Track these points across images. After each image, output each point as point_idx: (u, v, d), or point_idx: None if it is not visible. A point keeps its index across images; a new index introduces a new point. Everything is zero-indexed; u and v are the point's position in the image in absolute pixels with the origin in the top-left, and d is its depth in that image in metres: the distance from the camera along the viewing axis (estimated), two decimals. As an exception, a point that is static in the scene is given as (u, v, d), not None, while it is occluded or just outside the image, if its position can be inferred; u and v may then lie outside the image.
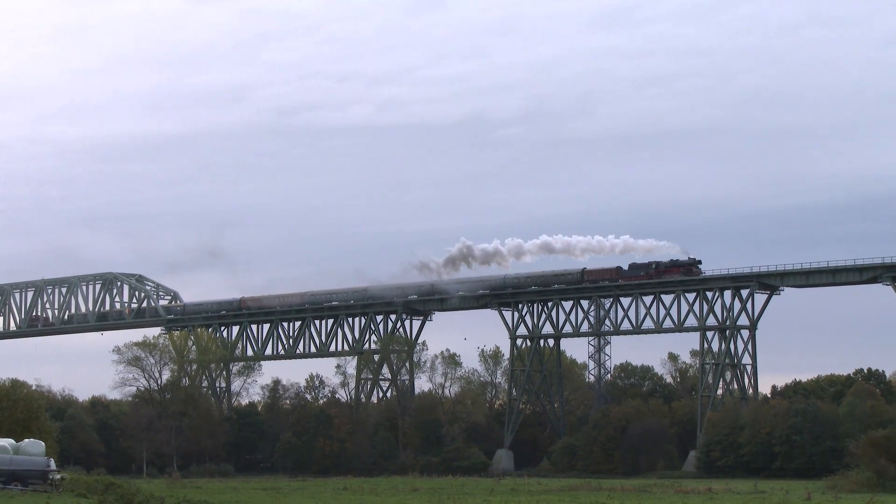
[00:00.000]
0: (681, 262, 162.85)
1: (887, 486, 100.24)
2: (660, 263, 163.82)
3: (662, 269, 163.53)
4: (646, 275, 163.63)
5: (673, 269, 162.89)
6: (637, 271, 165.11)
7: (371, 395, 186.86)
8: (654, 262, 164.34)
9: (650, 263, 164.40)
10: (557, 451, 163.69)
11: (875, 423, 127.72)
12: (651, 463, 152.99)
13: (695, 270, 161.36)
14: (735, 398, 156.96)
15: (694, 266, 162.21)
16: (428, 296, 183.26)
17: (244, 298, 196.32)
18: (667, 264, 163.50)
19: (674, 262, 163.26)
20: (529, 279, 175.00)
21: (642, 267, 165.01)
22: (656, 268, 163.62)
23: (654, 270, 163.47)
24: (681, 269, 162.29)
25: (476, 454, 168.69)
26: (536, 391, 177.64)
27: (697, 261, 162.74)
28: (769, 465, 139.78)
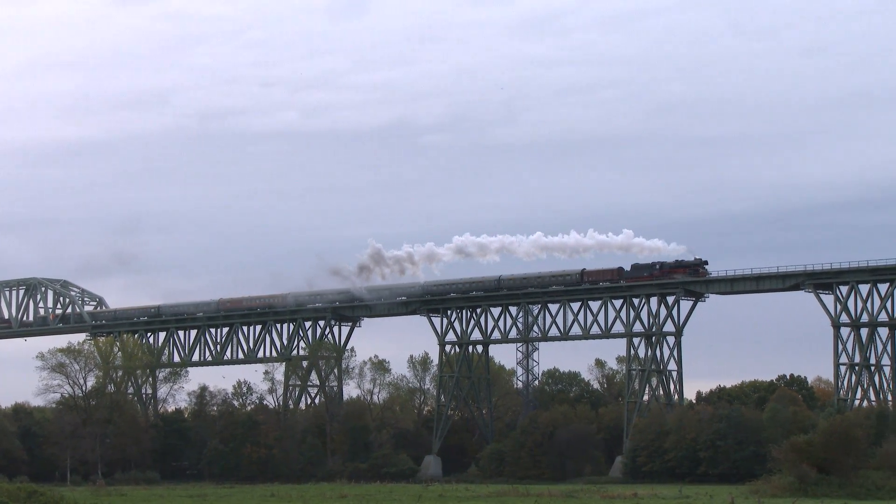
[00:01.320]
0: (686, 262, 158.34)
1: (809, 491, 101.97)
2: (664, 264, 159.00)
3: (667, 269, 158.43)
4: (649, 275, 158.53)
5: (678, 269, 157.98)
6: (640, 272, 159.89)
7: (299, 401, 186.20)
8: (659, 262, 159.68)
9: (654, 264, 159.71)
10: (485, 456, 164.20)
11: (797, 428, 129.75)
12: (578, 468, 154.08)
13: (701, 271, 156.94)
14: (661, 404, 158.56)
15: (700, 266, 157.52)
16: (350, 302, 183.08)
17: (223, 300, 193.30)
18: (671, 265, 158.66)
19: (679, 263, 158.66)
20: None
21: (645, 268, 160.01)
22: (660, 268, 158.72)
23: (659, 271, 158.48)
24: (686, 270, 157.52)
25: (404, 460, 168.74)
26: (465, 397, 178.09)
27: (704, 261, 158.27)
28: (694, 471, 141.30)
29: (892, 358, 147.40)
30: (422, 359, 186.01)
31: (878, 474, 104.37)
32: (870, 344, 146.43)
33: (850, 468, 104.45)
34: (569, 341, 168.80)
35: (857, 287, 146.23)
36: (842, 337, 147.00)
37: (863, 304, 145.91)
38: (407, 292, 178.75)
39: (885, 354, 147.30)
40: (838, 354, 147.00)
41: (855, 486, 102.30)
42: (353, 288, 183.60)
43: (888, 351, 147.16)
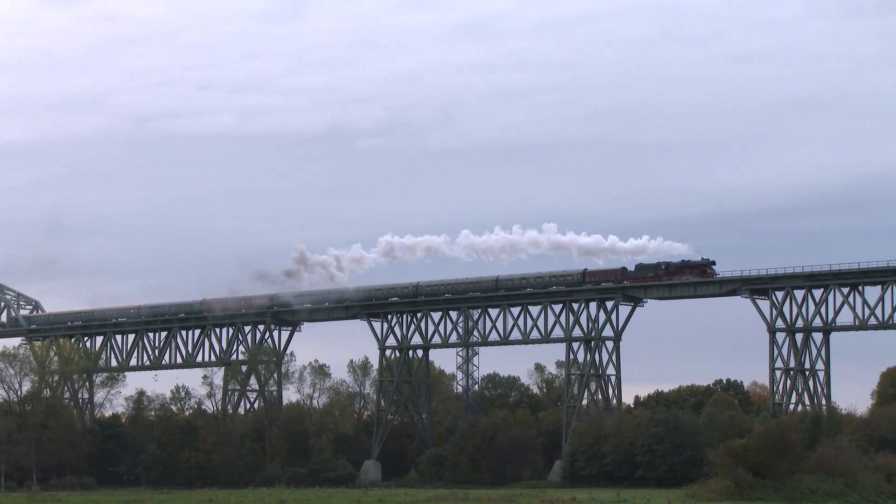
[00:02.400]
0: (693, 262, 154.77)
1: (744, 495, 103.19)
2: (669, 264, 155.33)
3: (673, 269, 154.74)
4: (654, 276, 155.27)
5: (685, 269, 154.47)
6: (645, 272, 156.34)
7: (238, 406, 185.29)
8: (664, 262, 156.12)
9: (659, 264, 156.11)
10: (425, 461, 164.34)
11: (733, 432, 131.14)
12: (517, 473, 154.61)
13: (708, 272, 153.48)
14: (599, 408, 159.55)
15: (707, 267, 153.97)
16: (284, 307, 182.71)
17: (206, 300, 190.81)
18: (677, 265, 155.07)
19: (685, 263, 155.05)
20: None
21: (650, 268, 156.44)
22: (666, 268, 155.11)
23: (664, 271, 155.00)
24: (693, 270, 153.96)
25: (343, 465, 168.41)
26: (405, 402, 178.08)
27: (711, 261, 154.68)
28: (632, 475, 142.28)
29: (826, 363, 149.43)
30: (362, 363, 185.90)
31: (812, 478, 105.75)
32: (804, 349, 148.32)
33: (784, 472, 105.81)
34: (509, 346, 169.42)
35: (793, 293, 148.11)
36: (777, 342, 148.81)
37: (798, 310, 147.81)
38: (350, 296, 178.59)
39: (820, 359, 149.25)
40: (774, 359, 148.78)
41: (789, 490, 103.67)
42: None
43: (822, 356, 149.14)
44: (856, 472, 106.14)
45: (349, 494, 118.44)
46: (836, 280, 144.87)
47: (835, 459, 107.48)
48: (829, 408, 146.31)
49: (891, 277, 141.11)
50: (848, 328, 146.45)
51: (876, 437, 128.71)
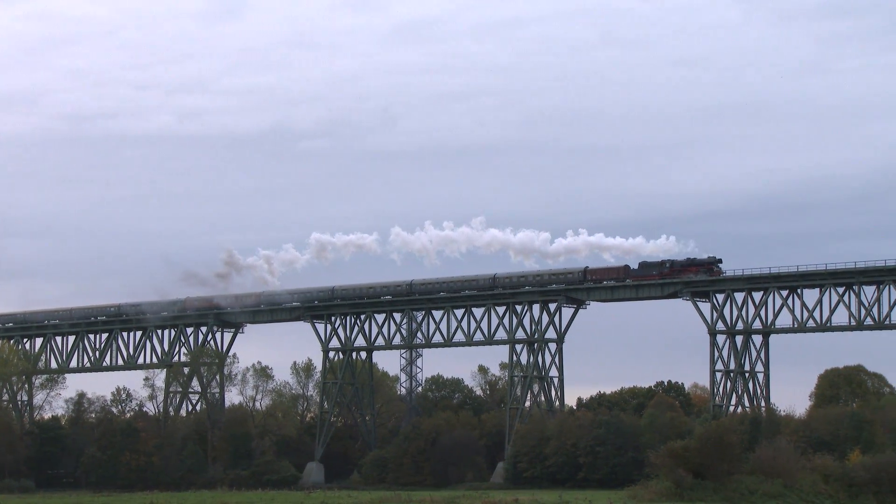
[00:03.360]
0: (699, 260, 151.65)
1: (685, 496, 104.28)
2: (674, 262, 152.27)
3: (678, 268, 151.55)
4: (658, 274, 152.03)
5: (690, 268, 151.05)
6: (648, 270, 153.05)
7: (180, 408, 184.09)
8: (669, 260, 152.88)
9: (663, 262, 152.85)
10: (368, 463, 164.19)
11: (674, 434, 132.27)
12: (460, 474, 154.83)
13: (715, 270, 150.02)
14: (542, 410, 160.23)
15: (714, 265, 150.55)
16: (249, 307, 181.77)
17: (189, 298, 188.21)
18: (682, 263, 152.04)
19: (691, 261, 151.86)
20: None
21: (654, 266, 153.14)
22: (671, 267, 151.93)
23: (669, 270, 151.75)
24: (698, 269, 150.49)
25: (286, 467, 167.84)
26: (348, 404, 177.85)
27: (718, 259, 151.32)
28: (574, 476, 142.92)
29: (765, 365, 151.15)
30: (305, 365, 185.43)
31: (751, 479, 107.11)
32: (744, 351, 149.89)
33: (724, 473, 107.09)
34: (452, 348, 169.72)
35: (733, 295, 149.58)
36: (718, 344, 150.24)
37: (738, 312, 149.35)
38: (298, 298, 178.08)
39: (759, 361, 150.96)
40: (714, 361, 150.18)
41: (729, 491, 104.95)
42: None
43: (762, 358, 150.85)
44: (794, 473, 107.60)
45: (292, 497, 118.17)
46: (775, 283, 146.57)
47: (773, 461, 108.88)
48: (769, 409, 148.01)
49: (829, 280, 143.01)
50: (787, 330, 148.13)
51: (814, 438, 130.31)
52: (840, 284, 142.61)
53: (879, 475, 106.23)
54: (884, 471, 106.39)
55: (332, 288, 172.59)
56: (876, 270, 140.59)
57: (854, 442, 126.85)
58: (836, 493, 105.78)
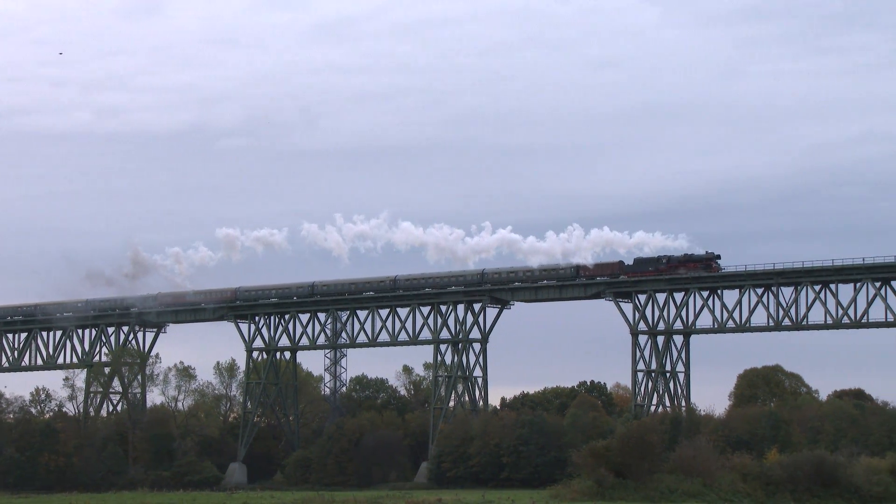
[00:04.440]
0: (697, 256, 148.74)
1: (606, 495, 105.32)
2: (671, 258, 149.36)
3: (675, 263, 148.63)
4: (654, 270, 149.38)
5: (688, 263, 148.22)
6: (644, 266, 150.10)
7: (101, 408, 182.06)
8: (666, 255, 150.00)
9: (660, 258, 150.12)
10: (291, 463, 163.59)
11: (596, 433, 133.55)
12: (384, 474, 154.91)
13: (714, 266, 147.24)
14: (466, 410, 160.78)
15: (713, 261, 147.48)
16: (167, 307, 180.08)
17: (162, 294, 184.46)
18: (680, 259, 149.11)
19: (689, 257, 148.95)
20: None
21: (650, 262, 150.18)
22: (668, 262, 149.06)
23: (666, 266, 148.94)
24: (697, 265, 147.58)
25: (208, 468, 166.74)
26: (272, 404, 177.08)
27: (716, 255, 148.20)
28: (497, 476, 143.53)
29: (686, 365, 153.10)
30: (228, 365, 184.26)
31: (672, 478, 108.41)
32: (666, 351, 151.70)
33: (645, 472, 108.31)
34: (377, 348, 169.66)
35: (655, 296, 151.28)
36: (640, 344, 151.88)
37: (660, 313, 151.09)
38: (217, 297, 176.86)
39: (680, 361, 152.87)
40: (636, 361, 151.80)
41: (649, 490, 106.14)
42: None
43: (683, 358, 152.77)
44: (713, 471, 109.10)
45: (214, 497, 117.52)
46: (696, 284, 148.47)
47: (693, 459, 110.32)
48: (689, 409, 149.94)
49: (748, 282, 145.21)
50: (707, 331, 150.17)
51: (733, 437, 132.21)
52: (759, 286, 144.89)
53: (796, 473, 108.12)
54: (800, 469, 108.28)
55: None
56: (793, 272, 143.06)
57: (771, 441, 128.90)
58: (753, 491, 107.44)
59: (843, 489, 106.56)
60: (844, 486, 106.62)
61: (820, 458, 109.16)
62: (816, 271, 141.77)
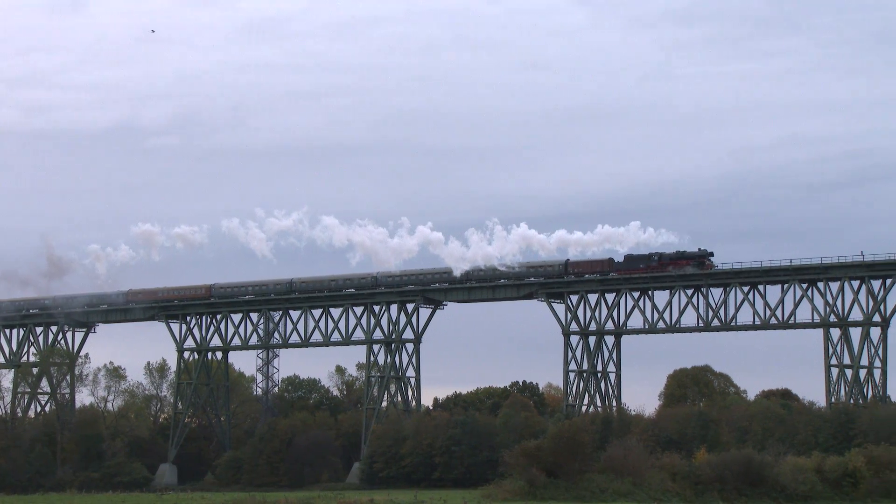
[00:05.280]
0: (689, 253, 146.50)
1: (537, 494, 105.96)
2: (663, 255, 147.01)
3: (667, 261, 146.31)
4: (646, 267, 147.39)
5: (680, 261, 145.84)
6: (635, 264, 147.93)
7: (28, 409, 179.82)
8: (657, 253, 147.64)
9: (652, 255, 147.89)
10: (222, 464, 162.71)
11: (528, 433, 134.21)
12: (316, 475, 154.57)
13: (707, 263, 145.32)
14: (399, 410, 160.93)
15: (706, 258, 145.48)
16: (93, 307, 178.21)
17: (132, 290, 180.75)
18: (672, 256, 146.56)
19: (681, 254, 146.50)
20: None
21: (641, 259, 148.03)
22: (660, 260, 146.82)
23: (657, 263, 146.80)
24: (690, 262, 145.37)
25: (138, 469, 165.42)
26: (203, 404, 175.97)
27: (709, 252, 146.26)
28: (430, 476, 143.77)
29: (617, 365, 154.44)
30: (159, 366, 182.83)
31: (602, 477, 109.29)
32: (597, 352, 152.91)
33: (576, 472, 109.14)
34: (309, 348, 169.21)
35: (587, 297, 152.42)
36: (571, 345, 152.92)
37: (591, 314, 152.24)
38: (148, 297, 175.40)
39: (612, 362, 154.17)
40: (568, 362, 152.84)
41: (580, 489, 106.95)
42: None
43: (614, 358, 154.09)
44: (643, 471, 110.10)
45: (143, 499, 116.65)
46: (627, 285, 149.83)
47: (624, 459, 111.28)
48: (620, 409, 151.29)
49: (678, 283, 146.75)
50: (638, 331, 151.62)
51: (662, 437, 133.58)
52: (689, 287, 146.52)
53: (724, 473, 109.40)
54: (728, 469, 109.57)
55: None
56: (722, 273, 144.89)
57: (700, 440, 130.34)
58: (682, 490, 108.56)
59: (770, 488, 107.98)
60: (771, 485, 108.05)
61: (747, 458, 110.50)
62: (745, 273, 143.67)
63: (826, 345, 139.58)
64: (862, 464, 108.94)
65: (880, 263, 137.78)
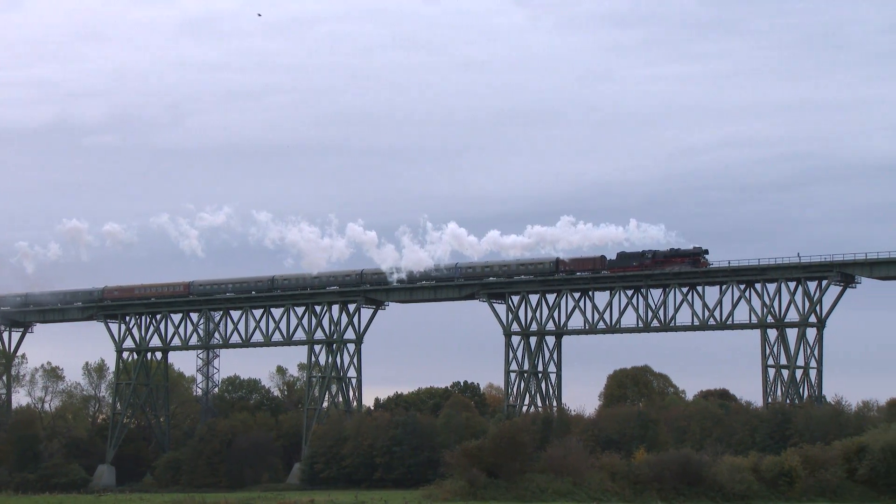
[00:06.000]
0: (683, 251, 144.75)
1: (478, 495, 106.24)
2: (657, 253, 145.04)
3: (661, 259, 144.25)
4: (639, 265, 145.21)
5: (674, 259, 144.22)
6: (627, 261, 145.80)
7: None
8: (651, 250, 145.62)
9: (645, 252, 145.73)
10: (161, 465, 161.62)
11: (469, 433, 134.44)
12: (256, 476, 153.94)
13: (702, 261, 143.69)
14: (340, 411, 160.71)
15: (700, 256, 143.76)
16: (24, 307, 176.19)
17: (108, 288, 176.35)
18: (665, 253, 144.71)
19: (675, 252, 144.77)
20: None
21: (634, 257, 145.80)
22: (653, 257, 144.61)
23: (651, 260, 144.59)
24: (684, 260, 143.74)
25: (76, 470, 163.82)
26: (142, 405, 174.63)
27: (704, 250, 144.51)
28: (370, 476, 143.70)
29: (557, 365, 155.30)
30: (97, 366, 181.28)
31: (543, 477, 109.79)
32: (538, 352, 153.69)
33: (517, 472, 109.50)
34: (250, 348, 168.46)
35: (528, 297, 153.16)
36: (512, 345, 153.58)
37: (532, 314, 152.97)
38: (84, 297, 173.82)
39: (552, 362, 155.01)
40: (509, 362, 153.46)
41: (521, 489, 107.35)
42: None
43: (554, 359, 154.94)
44: (583, 471, 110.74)
45: (81, 500, 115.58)
46: (568, 286, 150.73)
47: (564, 459, 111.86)
48: (560, 409, 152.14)
49: (618, 284, 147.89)
50: (578, 332, 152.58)
51: (602, 437, 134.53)
52: (629, 288, 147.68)
53: (662, 472, 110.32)
54: (666, 468, 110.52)
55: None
56: (662, 275, 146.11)
57: (640, 440, 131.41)
58: (622, 490, 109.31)
59: (708, 487, 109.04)
60: (709, 485, 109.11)
61: (685, 458, 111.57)
62: (684, 274, 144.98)
63: (763, 345, 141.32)
64: (797, 463, 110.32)
65: (816, 265, 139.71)
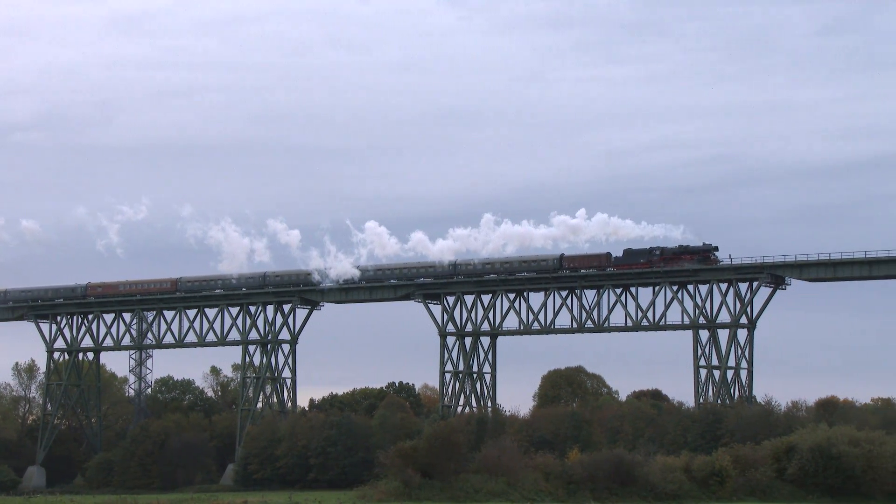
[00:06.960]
0: (693, 247, 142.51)
1: (413, 495, 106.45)
2: (665, 249, 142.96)
3: (669, 255, 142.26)
4: (647, 262, 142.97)
5: (683, 255, 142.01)
6: (635, 258, 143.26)
7: None
8: (659, 247, 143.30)
9: (653, 249, 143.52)
10: (93, 466, 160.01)
11: (404, 434, 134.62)
12: (189, 477, 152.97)
13: (712, 258, 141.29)
14: (274, 411, 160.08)
15: (710, 252, 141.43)
16: None
17: (91, 284, 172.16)
18: (674, 250, 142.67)
19: (684, 248, 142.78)
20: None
21: (641, 253, 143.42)
22: (661, 254, 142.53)
23: (659, 257, 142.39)
24: (693, 256, 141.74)
25: (5, 472, 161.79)
26: (73, 406, 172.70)
27: (714, 247, 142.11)
28: (305, 477, 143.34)
29: (492, 366, 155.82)
30: (28, 366, 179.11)
31: (477, 478, 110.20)
32: (473, 352, 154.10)
33: (451, 472, 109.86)
34: (184, 349, 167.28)
35: (463, 298, 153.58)
36: (448, 346, 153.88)
37: (468, 315, 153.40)
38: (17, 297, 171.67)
39: (487, 362, 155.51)
40: (444, 362, 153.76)
41: (455, 490, 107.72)
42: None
43: (489, 359, 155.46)
44: (517, 471, 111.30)
45: (10, 502, 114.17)
46: (503, 287, 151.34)
47: (498, 459, 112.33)
48: (495, 409, 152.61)
49: (553, 285, 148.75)
50: (513, 332, 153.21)
51: (536, 437, 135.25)
52: (563, 288, 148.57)
53: (596, 472, 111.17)
54: (599, 468, 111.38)
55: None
56: (596, 276, 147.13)
57: (574, 441, 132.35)
58: (555, 489, 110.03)
59: (641, 487, 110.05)
60: (641, 485, 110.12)
61: (618, 458, 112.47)
62: (617, 276, 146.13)
63: (695, 346, 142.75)
64: (728, 463, 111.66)
65: (747, 267, 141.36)
